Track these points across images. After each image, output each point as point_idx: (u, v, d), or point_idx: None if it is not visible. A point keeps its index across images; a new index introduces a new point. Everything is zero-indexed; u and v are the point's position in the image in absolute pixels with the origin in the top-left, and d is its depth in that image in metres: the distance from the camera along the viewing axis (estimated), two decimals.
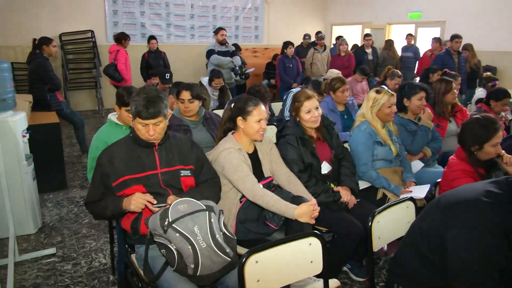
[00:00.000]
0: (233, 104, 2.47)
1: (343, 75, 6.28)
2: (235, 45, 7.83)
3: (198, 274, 1.78)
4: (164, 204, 1.97)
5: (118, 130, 2.65)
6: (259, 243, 1.79)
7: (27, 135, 3.58)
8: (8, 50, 7.67)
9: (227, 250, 1.85)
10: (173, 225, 1.81)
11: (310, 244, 1.82)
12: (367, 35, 8.38)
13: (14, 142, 3.37)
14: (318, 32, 8.23)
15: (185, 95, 3.07)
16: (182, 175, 2.16)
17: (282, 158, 2.61)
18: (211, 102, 4.93)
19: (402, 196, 2.62)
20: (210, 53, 6.48)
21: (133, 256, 2.21)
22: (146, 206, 1.96)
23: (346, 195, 2.63)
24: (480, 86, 6.16)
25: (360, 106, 3.26)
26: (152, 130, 2.01)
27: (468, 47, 7.12)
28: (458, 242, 1.45)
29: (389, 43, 8.70)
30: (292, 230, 2.19)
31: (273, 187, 2.43)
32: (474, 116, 2.37)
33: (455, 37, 6.60)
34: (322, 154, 2.73)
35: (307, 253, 1.82)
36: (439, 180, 2.60)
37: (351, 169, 2.84)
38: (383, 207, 2.12)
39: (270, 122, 3.96)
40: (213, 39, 6.80)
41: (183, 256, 1.79)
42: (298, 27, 10.56)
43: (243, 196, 2.34)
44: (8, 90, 3.35)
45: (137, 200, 1.95)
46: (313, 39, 8.83)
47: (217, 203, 2.24)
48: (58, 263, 3.10)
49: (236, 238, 2.01)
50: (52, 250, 3.23)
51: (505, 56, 7.91)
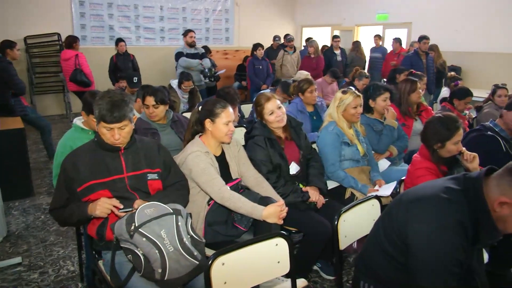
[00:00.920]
0: (201, 107, 2.46)
1: (312, 76, 6.37)
2: (205, 47, 7.81)
3: (166, 279, 1.76)
4: (130, 209, 1.94)
5: (84, 135, 2.60)
6: (228, 246, 1.79)
7: None
8: None
9: (195, 253, 1.85)
10: (139, 229, 1.79)
11: (277, 244, 1.83)
12: (335, 36, 8.50)
13: None
14: (287, 35, 8.29)
15: (149, 100, 3.04)
16: (149, 178, 2.14)
17: (250, 159, 2.62)
18: (181, 104, 4.89)
19: (368, 195, 2.67)
20: (178, 55, 6.44)
21: (100, 263, 2.17)
22: (112, 211, 1.93)
23: (314, 195, 2.66)
24: (445, 85, 6.35)
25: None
26: (117, 134, 1.99)
27: (434, 48, 7.32)
28: (419, 238, 1.48)
29: (356, 45, 8.86)
30: (261, 231, 2.20)
31: (241, 188, 2.44)
32: (436, 115, 2.44)
33: (423, 38, 6.77)
34: (291, 155, 2.76)
35: (274, 253, 1.83)
36: (404, 177, 2.66)
37: (320, 169, 2.87)
38: (348, 206, 2.16)
39: (240, 124, 3.98)
40: (183, 42, 6.74)
41: (150, 260, 1.77)
42: (269, 29, 10.61)
43: (211, 198, 2.34)
44: None
45: (102, 205, 1.92)
46: (283, 41, 8.90)
47: (185, 206, 2.23)
48: (24, 272, 3.01)
49: (204, 241, 2.00)
50: (18, 259, 3.14)
51: (468, 56, 8.17)
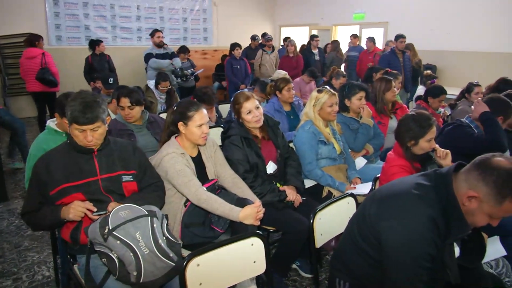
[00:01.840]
0: (175, 108, 2.44)
1: (291, 75, 6.40)
2: (183, 47, 7.75)
3: (141, 281, 1.74)
4: (104, 212, 1.92)
5: (57, 138, 2.56)
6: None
7: None
8: None
9: (171, 255, 1.83)
10: (113, 232, 1.77)
11: (253, 244, 1.84)
12: (314, 36, 8.55)
13: None
14: (265, 34, 8.31)
15: (124, 102, 3.00)
16: (123, 180, 2.12)
17: (227, 159, 2.62)
18: (158, 105, 4.86)
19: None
20: (148, 56, 6.37)
21: (75, 267, 2.14)
22: (85, 214, 1.91)
23: (291, 194, 2.67)
24: (421, 84, 6.45)
25: None
26: (90, 136, 1.96)
27: (410, 47, 7.42)
28: (391, 234, 1.50)
29: (335, 44, 8.93)
30: (238, 233, 2.19)
31: (218, 189, 2.43)
32: (410, 113, 2.48)
33: (400, 37, 6.86)
34: (268, 154, 2.76)
35: (249, 253, 1.83)
36: (379, 175, 2.69)
37: (297, 168, 2.89)
38: (324, 204, 2.18)
39: (218, 124, 3.97)
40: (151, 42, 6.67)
41: (125, 263, 1.75)
42: (247, 28, 10.61)
43: (188, 200, 2.32)
44: None
45: (75, 209, 1.89)
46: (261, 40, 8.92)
47: (161, 208, 2.22)
48: None
49: (180, 242, 1.99)
50: None
51: (443, 55, 8.33)
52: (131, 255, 1.74)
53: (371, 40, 8.05)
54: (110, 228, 1.78)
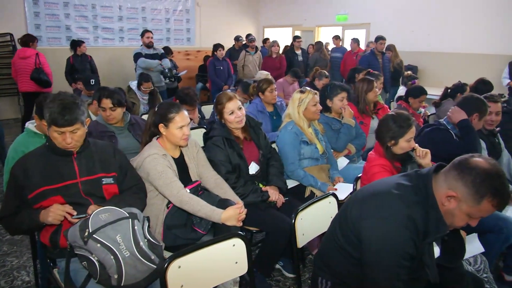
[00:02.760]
0: (156, 109, 2.43)
1: (274, 76, 6.41)
2: (166, 48, 7.70)
3: (122, 284, 1.73)
4: (84, 215, 1.90)
5: (37, 140, 2.52)
6: None
7: None
8: None
9: (152, 257, 1.83)
10: (93, 235, 1.76)
11: (234, 245, 1.84)
12: (297, 37, 8.58)
13: None
14: (249, 35, 8.32)
15: (105, 103, 2.97)
16: (104, 183, 2.10)
17: (209, 160, 2.61)
18: (141, 106, 4.82)
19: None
20: (137, 56, 6.33)
21: (55, 271, 2.11)
22: (65, 217, 1.88)
23: (274, 194, 2.68)
24: (402, 84, 6.54)
25: None
26: (69, 138, 1.94)
27: (391, 48, 7.51)
28: (371, 233, 1.53)
29: (319, 45, 8.98)
30: (220, 234, 2.19)
31: (200, 190, 2.42)
32: (390, 113, 2.51)
33: (379, 38, 6.95)
34: (250, 155, 2.77)
35: (231, 254, 1.83)
36: (360, 175, 2.72)
37: (279, 168, 2.90)
38: (305, 204, 2.19)
39: (200, 125, 3.95)
40: (141, 42, 6.64)
41: (105, 267, 1.74)
42: (231, 29, 10.61)
43: (170, 202, 2.31)
44: None
45: (55, 212, 1.87)
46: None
47: (143, 210, 2.20)
48: None
49: (162, 244, 1.99)
50: None
51: (424, 56, 8.46)
52: (112, 258, 1.73)
53: (356, 41, 8.13)
54: (90, 231, 1.76)
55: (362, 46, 8.62)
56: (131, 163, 2.33)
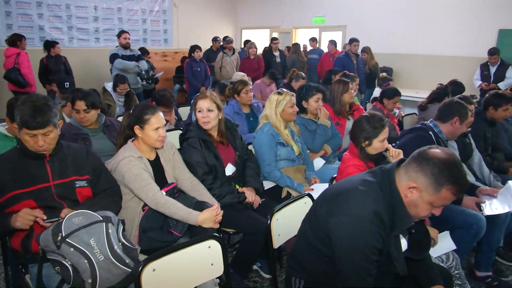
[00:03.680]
0: (131, 111, 2.41)
1: (252, 77, 6.43)
2: (142, 49, 7.63)
3: None
4: (57, 219, 1.88)
5: (8, 143, 2.47)
6: None
7: None
8: None
9: (127, 261, 1.81)
10: (66, 239, 1.73)
11: (210, 247, 1.84)
12: (274, 39, 8.62)
13: None
14: (226, 36, 8.31)
15: (79, 105, 2.92)
16: (77, 186, 2.08)
17: (186, 162, 2.60)
18: (116, 108, 4.75)
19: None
20: (113, 57, 6.24)
21: (27, 277, 2.06)
22: (37, 222, 1.85)
23: (250, 196, 2.69)
24: (377, 86, 6.65)
25: None
26: (41, 141, 1.91)
27: (367, 50, 7.64)
28: (339, 230, 1.57)
29: (296, 47, 9.05)
30: (197, 236, 2.19)
31: (176, 193, 2.40)
32: (363, 114, 2.55)
33: (353, 40, 7.06)
34: (226, 156, 2.77)
35: (207, 256, 1.83)
36: (335, 175, 2.75)
37: (255, 169, 2.91)
38: (281, 204, 2.21)
39: (177, 127, 3.93)
40: (118, 43, 6.55)
41: (79, 271, 1.72)
42: (209, 30, 10.56)
43: (145, 204, 2.29)
44: None
45: (24, 217, 1.83)
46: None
47: (117, 213, 2.19)
48: None
49: (137, 247, 1.97)
50: None
51: (399, 58, 8.62)
52: (86, 262, 1.71)
53: (333, 43, 8.22)
54: (63, 235, 1.74)
55: (339, 48, 8.72)
56: (106, 166, 2.30)
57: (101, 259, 1.73)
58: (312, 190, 2.90)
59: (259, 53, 8.42)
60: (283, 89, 3.23)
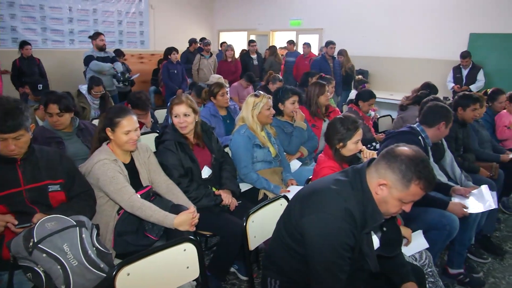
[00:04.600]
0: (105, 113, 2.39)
1: (230, 80, 6.43)
2: (118, 50, 7.54)
3: None
4: (29, 224, 1.84)
5: None
6: None
7: None
8: None
9: (101, 266, 1.79)
10: (39, 245, 1.71)
11: (185, 250, 1.83)
12: (252, 41, 8.66)
13: None
14: (203, 38, 8.29)
15: (52, 108, 2.88)
16: (50, 190, 2.04)
17: (162, 164, 2.59)
18: (91, 111, 4.69)
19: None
20: (89, 59, 6.13)
21: None
22: (8, 227, 1.81)
23: (227, 198, 2.69)
24: (353, 88, 6.74)
25: None
26: (12, 145, 1.88)
27: (343, 53, 7.74)
28: (312, 228, 1.60)
29: (273, 49, 9.09)
30: (173, 239, 2.18)
31: (152, 196, 2.39)
32: (337, 116, 2.59)
33: (330, 43, 7.16)
34: (202, 159, 2.76)
35: (182, 259, 1.83)
36: (311, 177, 2.78)
37: (232, 172, 2.91)
38: (256, 206, 2.22)
39: (153, 130, 3.90)
40: (92, 45, 6.43)
41: (52, 277, 1.69)
42: (186, 32, 10.51)
43: (120, 208, 2.27)
44: None
45: None
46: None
47: (92, 217, 2.16)
48: None
49: (111, 252, 1.95)
50: None
51: (375, 60, 8.76)
52: (59, 268, 1.69)
53: (308, 45, 8.30)
54: (35, 240, 1.71)
55: (315, 50, 8.80)
56: (80, 169, 2.28)
57: (74, 265, 1.71)
58: (288, 191, 2.92)
59: (237, 56, 8.43)
60: (260, 91, 3.25)
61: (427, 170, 1.50)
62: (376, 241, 1.74)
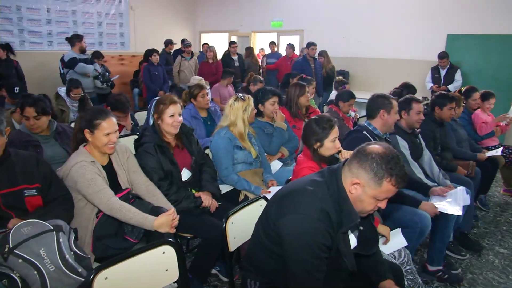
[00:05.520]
0: (82, 115, 2.36)
1: (210, 81, 6.41)
2: (96, 52, 7.45)
3: None
4: (4, 229, 1.82)
5: None
6: None
7: None
8: None
9: (80, 270, 1.78)
10: (14, 251, 1.69)
11: (164, 252, 1.82)
12: (232, 42, 8.65)
13: None
14: (183, 40, 8.26)
15: (29, 111, 2.84)
16: (26, 195, 2.02)
17: (141, 167, 2.57)
18: (70, 114, 4.62)
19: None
20: (73, 61, 6.04)
21: None
22: None
23: (207, 200, 2.69)
24: (334, 89, 6.79)
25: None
26: None
27: (324, 54, 7.80)
28: (288, 228, 1.61)
29: (249, 51, 9.12)
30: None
31: (132, 198, 2.36)
32: (312, 117, 2.61)
33: (311, 44, 7.20)
34: (182, 161, 2.75)
35: (161, 262, 1.82)
36: (290, 177, 2.80)
37: (212, 174, 2.91)
38: (236, 208, 2.23)
39: (134, 132, 3.87)
40: (70, 47, 6.33)
41: (29, 283, 1.67)
42: (167, 34, 10.40)
43: (99, 211, 2.24)
44: None
45: None
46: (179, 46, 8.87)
47: (70, 221, 2.13)
48: None
49: (89, 256, 1.93)
50: None
51: (355, 61, 8.86)
52: (35, 273, 1.67)
53: (291, 46, 8.34)
54: (11, 246, 1.69)
55: (297, 51, 8.85)
56: (58, 172, 2.25)
57: (52, 270, 1.69)
58: (269, 192, 2.93)
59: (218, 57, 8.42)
60: (241, 94, 3.25)
61: (398, 167, 1.52)
62: (353, 240, 1.77)
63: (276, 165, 3.53)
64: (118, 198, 2.25)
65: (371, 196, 1.57)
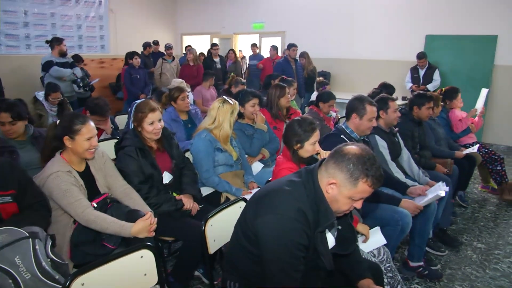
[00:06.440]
0: (58, 122, 2.32)
1: (191, 84, 6.38)
2: (76, 55, 7.35)
3: None
4: None
5: None
6: None
7: None
8: None
9: (57, 277, 1.75)
10: None
11: (142, 256, 1.81)
12: (214, 44, 8.64)
13: None
14: (167, 44, 8.22)
15: (4, 117, 2.78)
16: (1, 202, 1.97)
17: (121, 171, 2.55)
18: (49, 118, 4.54)
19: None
20: (48, 64, 5.94)
21: None
22: None
23: (188, 203, 2.68)
24: (316, 90, 6.83)
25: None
26: None
27: (305, 55, 7.84)
28: (265, 229, 1.62)
29: (234, 53, 9.11)
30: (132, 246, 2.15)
31: (110, 203, 2.34)
32: (295, 118, 2.62)
33: (292, 45, 7.24)
34: (163, 164, 2.74)
35: (139, 266, 1.80)
36: (270, 178, 2.80)
37: (192, 177, 2.90)
38: (215, 210, 2.22)
39: (114, 136, 3.83)
40: (50, 50, 6.23)
41: None
42: (148, 36, 10.34)
43: None
44: None
45: None
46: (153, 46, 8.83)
47: (47, 228, 2.10)
48: None
49: (67, 263, 1.90)
50: None
51: (336, 62, 8.95)
52: (10, 282, 1.63)
53: (275, 48, 8.38)
54: None
55: (280, 53, 8.89)
56: (34, 180, 2.21)
57: (27, 278, 1.66)
58: (250, 193, 2.94)
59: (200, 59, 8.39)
60: (225, 97, 3.24)
61: (374, 168, 1.54)
62: (331, 239, 1.78)
63: (257, 166, 3.53)
64: (96, 204, 2.23)
65: (347, 196, 1.59)
